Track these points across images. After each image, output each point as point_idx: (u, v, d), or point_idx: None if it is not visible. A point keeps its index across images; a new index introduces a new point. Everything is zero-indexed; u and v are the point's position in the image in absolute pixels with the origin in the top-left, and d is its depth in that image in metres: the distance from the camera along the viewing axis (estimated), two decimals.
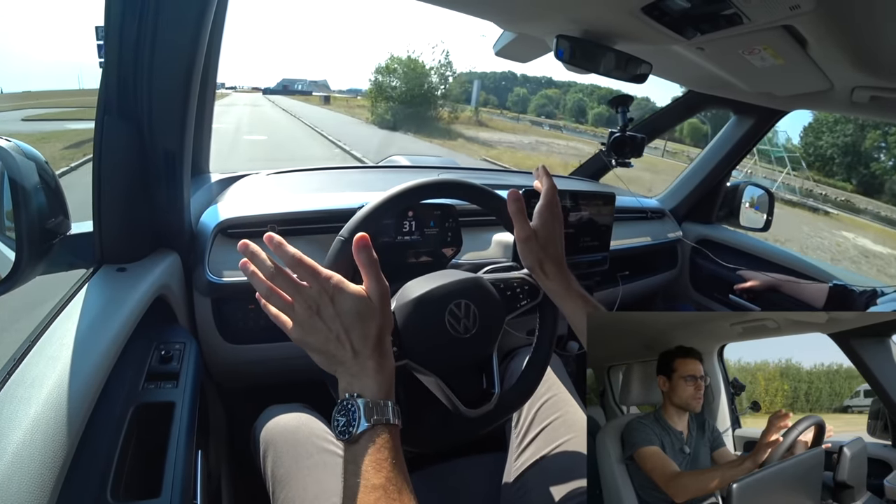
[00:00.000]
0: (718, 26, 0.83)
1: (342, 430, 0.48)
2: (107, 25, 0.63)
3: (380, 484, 0.44)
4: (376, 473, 0.45)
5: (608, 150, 1.45)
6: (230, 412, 1.11)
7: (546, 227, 0.74)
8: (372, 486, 0.44)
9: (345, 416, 0.49)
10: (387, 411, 0.49)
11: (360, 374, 0.51)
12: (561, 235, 0.75)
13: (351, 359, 0.51)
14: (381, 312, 0.53)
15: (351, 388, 0.51)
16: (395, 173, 1.71)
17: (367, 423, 0.47)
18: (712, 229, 1.79)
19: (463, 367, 0.68)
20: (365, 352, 0.51)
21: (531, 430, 0.84)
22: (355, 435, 0.47)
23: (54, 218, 0.63)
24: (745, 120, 1.64)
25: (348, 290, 0.52)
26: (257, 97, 69.98)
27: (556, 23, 0.96)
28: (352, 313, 0.51)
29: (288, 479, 0.70)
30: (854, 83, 1.02)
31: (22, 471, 0.40)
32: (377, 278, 0.53)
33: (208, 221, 0.94)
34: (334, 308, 0.51)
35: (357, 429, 0.47)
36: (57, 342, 0.54)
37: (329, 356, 0.52)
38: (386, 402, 0.50)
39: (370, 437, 0.47)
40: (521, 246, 0.73)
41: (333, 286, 0.51)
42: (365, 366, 0.51)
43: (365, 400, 0.49)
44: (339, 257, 0.60)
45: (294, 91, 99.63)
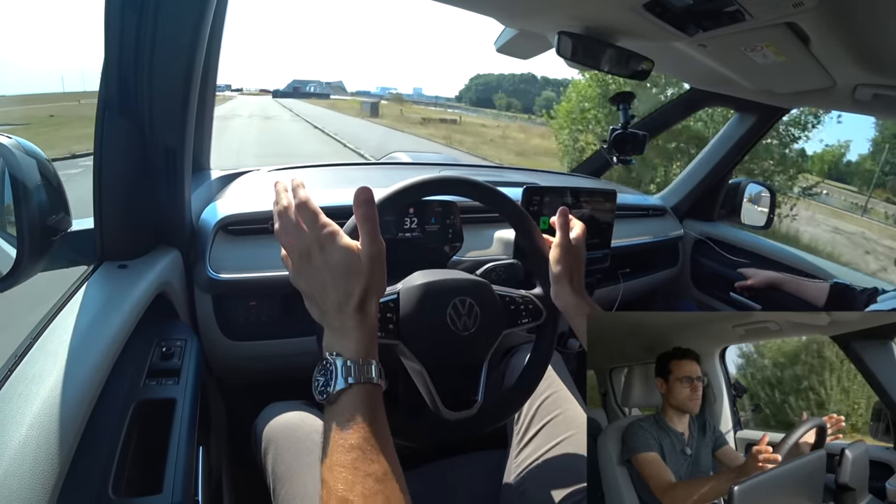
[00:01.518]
0: (721, 23, 0.83)
1: (321, 389, 0.48)
2: (107, 22, 0.63)
3: (357, 444, 0.44)
4: (354, 433, 0.45)
5: (610, 146, 1.45)
6: (231, 409, 1.11)
7: (580, 244, 0.76)
8: (349, 447, 0.44)
9: (324, 375, 0.49)
10: (368, 370, 0.49)
11: (341, 332, 0.51)
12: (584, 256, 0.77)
13: (334, 312, 0.51)
14: (368, 272, 0.52)
15: (331, 347, 0.50)
16: (397, 170, 1.71)
17: (345, 383, 0.47)
18: (714, 227, 1.78)
19: (452, 366, 0.68)
20: (347, 309, 0.51)
21: (531, 427, 0.84)
22: (332, 394, 0.47)
23: (55, 215, 0.63)
24: (747, 117, 1.63)
25: (339, 242, 0.51)
26: (266, 102, 63.21)
27: (558, 19, 0.96)
28: (338, 266, 0.51)
29: (289, 476, 0.71)
30: (856, 81, 1.01)
31: (24, 467, 0.40)
32: (372, 236, 0.53)
33: (209, 218, 0.94)
34: (323, 257, 0.51)
35: (334, 388, 0.47)
36: (58, 339, 0.54)
37: (316, 305, 0.53)
38: (367, 362, 0.49)
39: (348, 397, 0.47)
40: (558, 251, 0.74)
41: (325, 235, 0.51)
42: (346, 324, 0.51)
43: (344, 359, 0.48)
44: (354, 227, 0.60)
45: (307, 94, 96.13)
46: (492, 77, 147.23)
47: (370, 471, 0.43)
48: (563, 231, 0.75)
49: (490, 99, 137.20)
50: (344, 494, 0.42)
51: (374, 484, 0.43)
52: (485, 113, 78.85)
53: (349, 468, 0.43)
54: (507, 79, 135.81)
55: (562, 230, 0.75)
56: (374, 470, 0.43)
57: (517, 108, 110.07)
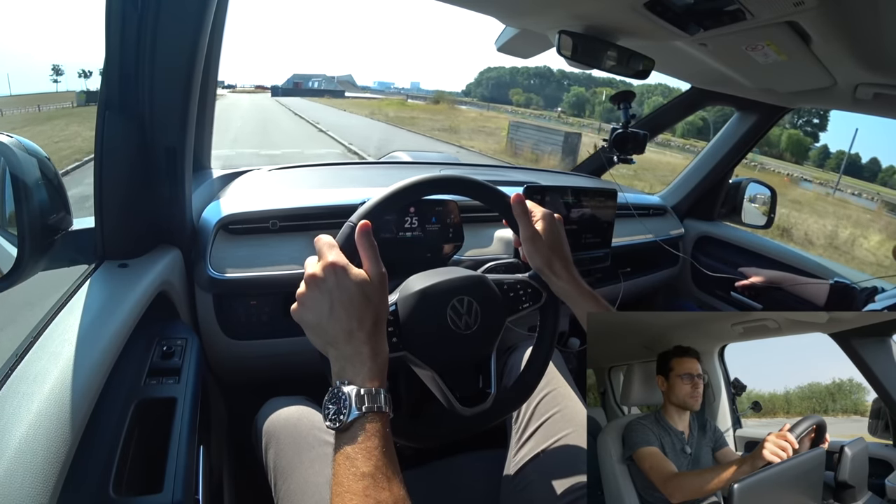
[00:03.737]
0: (721, 22, 0.82)
1: (332, 417, 0.48)
2: (108, 20, 0.63)
3: (369, 472, 0.44)
4: (366, 461, 0.45)
5: (610, 146, 1.44)
6: (232, 407, 1.12)
7: (551, 228, 0.73)
8: (361, 475, 0.44)
9: (335, 403, 0.49)
10: (379, 399, 0.49)
11: (353, 360, 0.51)
12: (565, 237, 0.75)
13: (344, 339, 0.51)
14: (379, 296, 0.54)
15: (343, 375, 0.51)
16: (397, 169, 1.71)
17: (358, 412, 0.47)
18: (714, 226, 1.78)
19: (461, 365, 0.68)
20: (360, 335, 0.51)
21: (531, 424, 0.84)
22: (346, 423, 0.47)
23: (56, 214, 0.63)
24: (747, 116, 1.63)
25: (352, 270, 0.53)
26: (263, 101, 51.07)
27: (559, 18, 0.96)
28: (350, 290, 0.52)
29: (290, 471, 0.71)
30: (857, 80, 1.01)
31: (25, 466, 0.40)
32: (376, 262, 0.55)
33: (210, 217, 0.94)
34: (336, 280, 0.52)
35: (348, 417, 0.47)
36: (59, 338, 0.54)
37: (320, 333, 0.53)
38: (378, 390, 0.49)
39: (360, 425, 0.47)
40: (528, 246, 0.72)
41: (339, 265, 0.53)
42: (360, 351, 0.51)
43: (356, 387, 0.49)
44: (346, 241, 0.60)
45: (310, 91, 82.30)
46: (503, 71, 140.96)
47: (381, 498, 0.44)
48: (523, 222, 0.72)
49: (505, 95, 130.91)
50: None
51: None
52: (498, 109, 74.76)
53: (360, 496, 0.43)
54: (521, 72, 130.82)
55: (521, 221, 0.72)
56: (384, 497, 0.44)
57: (538, 105, 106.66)
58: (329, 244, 0.55)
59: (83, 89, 48.62)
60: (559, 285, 0.72)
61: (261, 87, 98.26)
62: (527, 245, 0.73)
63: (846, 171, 42.85)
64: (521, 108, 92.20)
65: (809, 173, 43.98)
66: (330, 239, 0.57)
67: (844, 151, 58.07)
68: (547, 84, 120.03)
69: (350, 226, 0.59)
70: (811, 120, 66.56)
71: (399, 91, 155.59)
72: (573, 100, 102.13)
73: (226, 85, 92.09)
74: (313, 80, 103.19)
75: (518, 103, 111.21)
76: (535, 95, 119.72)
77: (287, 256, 0.95)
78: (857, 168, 61.83)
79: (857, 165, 63.64)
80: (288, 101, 47.77)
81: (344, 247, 0.57)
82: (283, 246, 0.97)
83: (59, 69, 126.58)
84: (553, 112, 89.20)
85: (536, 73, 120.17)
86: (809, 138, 57.76)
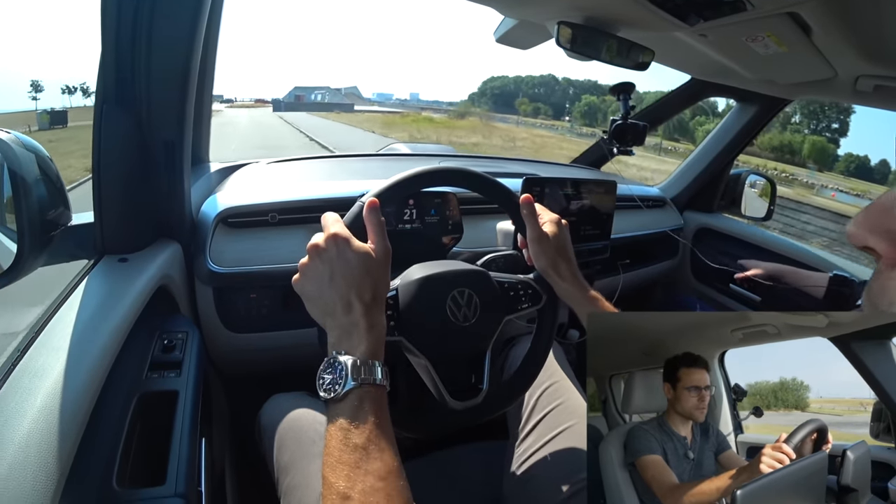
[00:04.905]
0: (722, 13, 0.82)
1: (327, 387, 0.48)
2: (103, 13, 0.62)
3: (362, 444, 0.45)
4: (359, 433, 0.45)
5: (610, 137, 1.44)
6: (233, 400, 1.12)
7: (558, 231, 0.74)
8: (354, 446, 0.44)
9: (331, 373, 0.49)
10: (375, 371, 0.49)
11: (350, 331, 0.51)
12: (570, 241, 0.75)
13: (342, 310, 0.52)
14: (381, 271, 0.55)
15: (339, 346, 0.51)
16: (396, 161, 1.71)
17: (354, 383, 0.48)
18: (714, 218, 1.78)
19: (455, 357, 0.68)
20: (358, 307, 0.52)
21: (533, 416, 0.84)
22: (340, 394, 0.47)
23: (55, 209, 0.63)
24: (747, 108, 1.63)
25: (355, 243, 0.54)
26: (263, 117, 43.67)
27: (558, 8, 0.95)
28: (352, 262, 0.53)
29: (292, 466, 0.71)
30: (858, 72, 1.01)
31: (28, 460, 0.40)
32: (382, 238, 0.56)
33: (209, 211, 0.94)
34: (337, 254, 0.53)
35: (343, 387, 0.47)
36: (60, 333, 0.55)
37: (319, 304, 0.53)
38: (373, 362, 0.50)
39: (355, 397, 0.47)
40: (534, 247, 0.73)
41: (341, 236, 0.54)
42: (357, 322, 0.51)
43: (353, 358, 0.49)
44: (354, 218, 0.60)
45: (315, 105, 76.25)
46: (507, 80, 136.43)
47: (372, 469, 0.44)
48: (531, 223, 0.73)
49: (510, 105, 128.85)
50: (345, 491, 0.42)
51: (376, 481, 0.43)
52: (506, 120, 71.25)
53: (352, 466, 0.43)
54: (526, 81, 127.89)
55: (530, 222, 0.73)
56: (376, 468, 0.44)
57: (547, 115, 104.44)
58: (335, 219, 0.56)
59: (46, 108, 41.05)
60: (563, 287, 0.72)
61: (261, 100, 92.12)
62: (533, 246, 0.73)
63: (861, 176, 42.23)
64: (528, 118, 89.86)
65: (843, 183, 42.95)
66: (336, 215, 0.57)
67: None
68: (552, 93, 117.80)
69: (360, 204, 0.60)
70: (831, 125, 65.35)
71: (403, 102, 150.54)
72: (585, 109, 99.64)
73: (224, 99, 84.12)
74: (316, 93, 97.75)
75: (525, 113, 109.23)
76: (542, 105, 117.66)
77: (287, 249, 0.95)
78: (868, 170, 61.07)
79: (867, 167, 62.84)
80: (293, 118, 40.34)
81: (351, 224, 0.58)
82: (283, 239, 0.97)
83: (38, 85, 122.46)
84: (563, 122, 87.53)
85: (541, 82, 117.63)
86: (832, 145, 56.59)
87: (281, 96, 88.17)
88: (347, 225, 0.57)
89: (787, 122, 62.34)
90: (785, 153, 58.70)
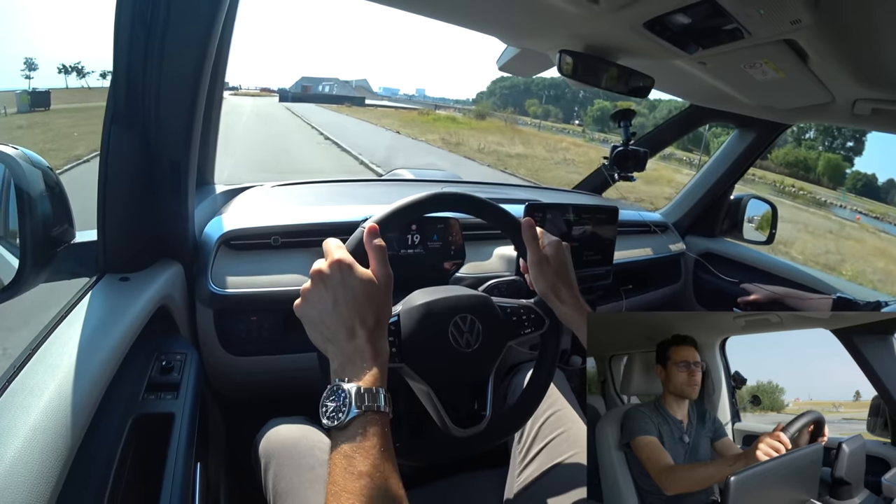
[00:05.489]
0: (720, 41, 0.84)
1: (331, 415, 0.48)
2: (116, 34, 0.64)
3: (366, 471, 0.44)
4: (363, 461, 0.44)
5: (611, 163, 1.45)
6: (230, 424, 1.10)
7: (559, 254, 0.74)
8: (359, 474, 0.43)
9: (334, 401, 0.48)
10: (379, 398, 0.48)
11: (353, 358, 0.51)
12: (572, 265, 0.75)
13: (345, 336, 0.51)
14: (383, 297, 0.55)
15: (343, 373, 0.50)
16: (399, 186, 1.72)
17: (358, 410, 0.47)
18: (716, 243, 1.78)
19: (458, 384, 0.68)
20: (362, 333, 0.51)
21: (534, 445, 0.83)
22: (344, 421, 0.47)
23: (59, 226, 0.64)
24: (747, 133, 1.65)
25: (358, 269, 0.54)
26: (271, 107, 40.13)
27: (559, 38, 0.98)
28: (355, 288, 0.53)
29: (289, 492, 0.70)
30: (855, 96, 1.02)
31: (18, 480, 0.39)
32: (384, 264, 0.56)
33: (212, 232, 0.94)
34: (341, 277, 0.53)
35: (347, 415, 0.47)
36: (57, 351, 0.54)
37: (321, 330, 0.53)
38: (377, 389, 0.49)
39: (359, 424, 0.46)
40: (535, 270, 0.73)
41: (345, 263, 0.54)
42: (361, 349, 0.51)
43: (357, 385, 0.48)
44: (356, 244, 0.60)
45: (325, 97, 70.84)
46: (517, 80, 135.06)
47: (377, 498, 0.43)
48: (531, 246, 0.73)
49: (520, 104, 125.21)
50: None
51: None
52: (524, 122, 64.65)
53: (357, 495, 0.43)
54: (536, 83, 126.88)
55: (530, 245, 0.73)
56: (381, 497, 0.43)
57: (557, 117, 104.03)
58: (337, 245, 0.56)
59: (26, 89, 34.64)
60: (564, 311, 0.72)
61: (267, 89, 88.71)
62: (534, 269, 0.73)
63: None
64: (538, 119, 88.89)
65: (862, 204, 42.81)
66: (338, 241, 0.57)
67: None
68: (562, 96, 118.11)
69: (362, 230, 0.60)
70: (846, 143, 65.70)
71: (410, 98, 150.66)
72: (597, 114, 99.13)
73: (229, 86, 74.74)
74: (324, 84, 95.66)
75: (535, 115, 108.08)
76: (552, 107, 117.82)
77: (288, 273, 0.95)
78: (875, 189, 61.35)
79: (874, 186, 63.14)
80: (301, 109, 35.98)
81: (353, 250, 0.58)
82: (285, 262, 0.97)
83: (32, 63, 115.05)
84: (574, 125, 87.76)
85: (552, 84, 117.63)
86: (847, 163, 56.33)
87: (287, 86, 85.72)
88: (350, 251, 0.57)
89: (801, 136, 62.31)
90: (799, 169, 58.90)
